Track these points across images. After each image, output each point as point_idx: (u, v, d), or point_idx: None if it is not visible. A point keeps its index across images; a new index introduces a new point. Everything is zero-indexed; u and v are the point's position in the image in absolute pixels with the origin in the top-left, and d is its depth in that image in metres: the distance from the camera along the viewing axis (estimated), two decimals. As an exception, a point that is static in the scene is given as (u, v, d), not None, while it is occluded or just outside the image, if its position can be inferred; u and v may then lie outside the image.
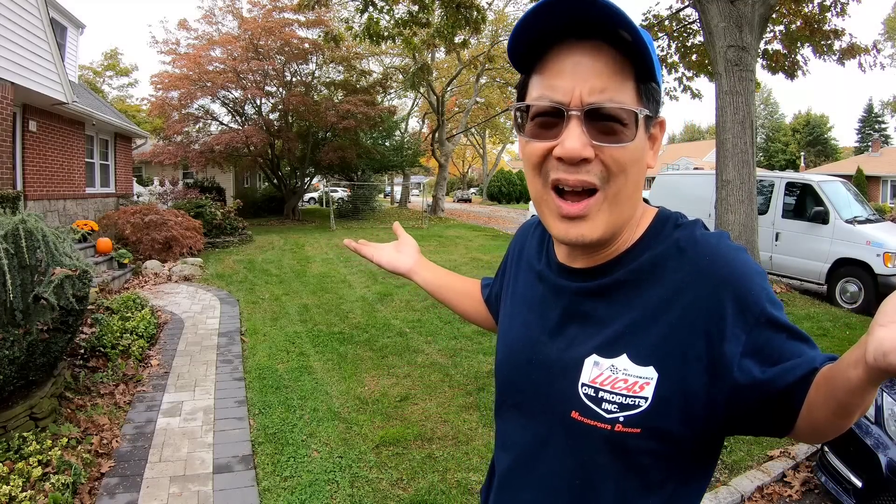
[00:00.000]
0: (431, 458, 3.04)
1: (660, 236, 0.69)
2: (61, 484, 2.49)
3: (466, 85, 26.62)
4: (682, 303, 0.63)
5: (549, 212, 0.66)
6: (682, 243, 0.67)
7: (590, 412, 0.66)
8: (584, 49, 0.61)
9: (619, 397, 0.64)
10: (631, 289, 0.67)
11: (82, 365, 3.96)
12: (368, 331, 5.45)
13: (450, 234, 15.37)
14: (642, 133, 0.63)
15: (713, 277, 0.63)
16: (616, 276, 0.68)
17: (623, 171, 0.62)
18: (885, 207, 20.14)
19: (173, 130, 15.68)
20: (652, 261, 0.67)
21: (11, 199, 5.53)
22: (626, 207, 0.66)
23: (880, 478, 2.26)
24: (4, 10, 6.26)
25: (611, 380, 0.65)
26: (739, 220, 6.73)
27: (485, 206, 32.81)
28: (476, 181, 49.53)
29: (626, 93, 0.61)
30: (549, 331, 0.73)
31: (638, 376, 0.63)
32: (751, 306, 0.61)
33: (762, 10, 6.74)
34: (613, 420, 0.64)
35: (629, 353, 0.64)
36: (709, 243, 0.66)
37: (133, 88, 37.51)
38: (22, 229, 2.94)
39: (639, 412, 0.63)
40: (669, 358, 0.63)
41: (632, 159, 0.63)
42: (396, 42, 9.65)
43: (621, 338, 0.66)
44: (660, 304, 0.64)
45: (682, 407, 0.62)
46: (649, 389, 0.63)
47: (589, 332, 0.69)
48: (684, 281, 0.64)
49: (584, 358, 0.68)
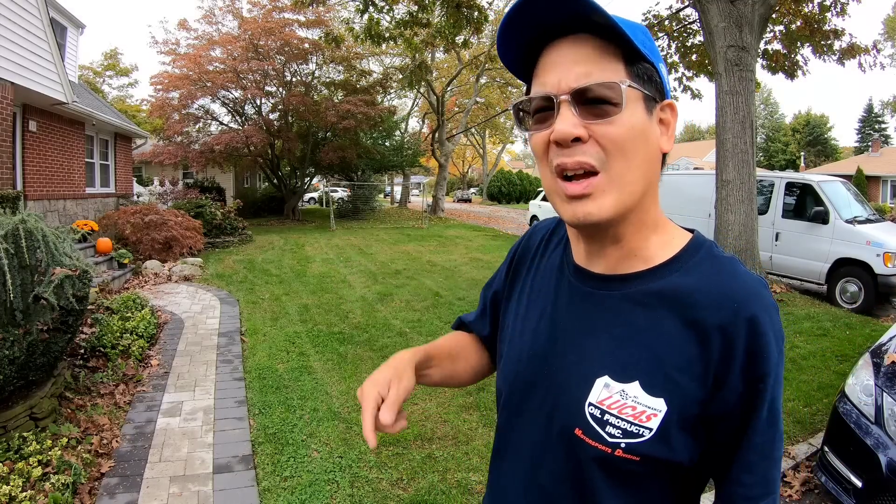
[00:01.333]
0: (431, 458, 3.04)
1: (690, 262, 0.67)
2: (61, 484, 2.49)
3: (466, 85, 26.63)
4: (702, 341, 0.62)
5: (558, 198, 0.66)
6: (715, 279, 0.65)
7: (593, 432, 0.66)
8: (567, 43, 0.63)
9: (625, 423, 0.64)
10: (652, 311, 0.65)
11: (82, 365, 3.96)
12: (368, 331, 5.45)
13: (450, 234, 15.37)
14: (637, 108, 0.62)
15: (737, 326, 0.62)
16: (637, 291, 0.67)
17: (620, 149, 0.61)
18: (885, 207, 20.14)
19: (173, 130, 15.69)
20: (679, 288, 0.65)
21: (11, 199, 5.53)
22: (635, 189, 0.64)
23: (880, 478, 2.26)
24: (4, 10, 6.26)
25: (619, 405, 0.64)
26: (739, 220, 6.74)
27: (485, 206, 32.82)
28: (476, 181, 49.55)
29: (612, 73, 0.62)
30: (562, 341, 0.72)
31: (647, 406, 0.63)
32: (758, 365, 0.62)
33: (762, 10, 6.74)
34: (615, 445, 0.64)
35: (642, 381, 0.64)
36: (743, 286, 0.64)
37: (133, 88, 37.62)
38: (22, 229, 2.94)
39: (641, 441, 0.63)
40: (679, 393, 0.62)
41: (627, 136, 0.61)
42: (397, 43, 9.65)
43: (637, 364, 0.64)
44: (680, 337, 0.63)
45: (683, 441, 0.63)
46: (655, 421, 0.62)
47: (603, 350, 0.67)
48: (709, 321, 0.62)
49: (595, 377, 0.67)
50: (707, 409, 0.62)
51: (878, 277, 6.64)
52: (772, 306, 0.63)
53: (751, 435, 0.63)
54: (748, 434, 0.63)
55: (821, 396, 3.84)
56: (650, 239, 0.68)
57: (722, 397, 0.62)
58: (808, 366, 4.43)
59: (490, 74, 24.42)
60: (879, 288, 6.63)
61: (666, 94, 0.67)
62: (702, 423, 0.63)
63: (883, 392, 2.47)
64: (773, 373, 0.62)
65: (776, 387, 0.63)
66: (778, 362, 0.62)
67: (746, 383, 0.61)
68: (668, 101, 0.67)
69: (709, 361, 0.62)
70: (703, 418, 0.63)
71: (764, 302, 0.63)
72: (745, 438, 0.63)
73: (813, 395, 3.86)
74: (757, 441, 0.63)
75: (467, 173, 49.10)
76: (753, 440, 0.63)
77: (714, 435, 0.64)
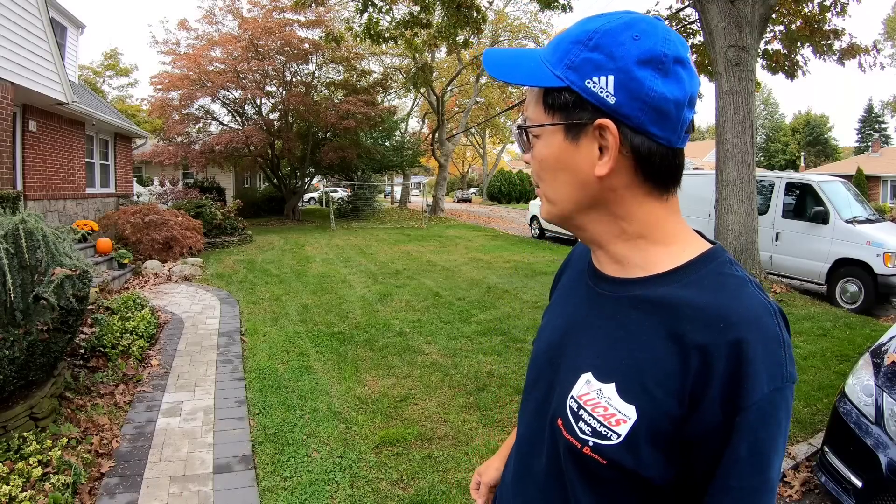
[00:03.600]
0: (431, 458, 3.04)
1: (693, 275, 0.64)
2: (61, 484, 2.49)
3: (466, 85, 26.64)
4: (682, 357, 0.60)
5: None
6: (712, 295, 0.62)
7: (568, 425, 0.67)
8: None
9: (595, 422, 0.64)
10: (644, 318, 0.65)
11: (82, 365, 3.96)
12: (368, 331, 5.45)
13: (450, 234, 15.37)
14: (551, 140, 0.67)
15: (719, 348, 0.57)
16: (635, 296, 0.67)
17: (537, 173, 0.71)
18: (885, 207, 20.13)
19: (173, 131, 15.69)
20: (672, 299, 0.63)
21: (11, 199, 5.53)
22: (565, 206, 0.70)
23: (880, 478, 2.26)
24: (4, 10, 6.27)
25: (594, 402, 0.65)
26: (739, 220, 6.74)
27: (485, 206, 32.81)
28: (476, 181, 49.53)
29: (533, 110, 0.69)
30: (568, 334, 0.75)
31: (618, 410, 0.62)
32: (739, 396, 0.56)
33: (762, 10, 6.74)
34: (584, 441, 0.65)
35: (618, 384, 0.63)
36: (741, 308, 0.59)
37: (133, 88, 37.56)
38: (22, 229, 2.95)
39: (607, 445, 0.62)
40: (652, 404, 0.60)
41: (540, 166, 0.70)
42: (398, 43, 9.66)
43: (618, 366, 0.64)
44: (663, 348, 0.61)
45: (654, 456, 0.60)
46: (624, 427, 0.61)
47: (595, 347, 0.69)
48: (691, 337, 0.60)
49: (581, 371, 0.68)
50: (683, 430, 0.59)
51: (878, 277, 6.64)
52: (772, 337, 0.58)
53: (725, 474, 0.57)
54: (721, 472, 0.57)
55: (821, 396, 3.84)
56: (648, 250, 0.68)
57: (698, 420, 0.58)
58: (808, 366, 4.43)
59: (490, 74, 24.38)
60: (879, 288, 6.63)
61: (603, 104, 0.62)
62: (679, 444, 0.59)
63: (883, 392, 2.47)
64: (756, 409, 0.55)
65: (762, 429, 0.56)
66: (771, 402, 0.56)
67: (723, 413, 0.56)
68: (599, 121, 0.62)
69: (686, 379, 0.58)
70: (680, 439, 0.59)
71: (761, 330, 0.58)
72: (718, 476, 0.57)
73: (813, 395, 3.86)
74: (733, 485, 0.57)
75: (467, 173, 49.09)
76: (729, 482, 0.57)
77: (690, 460, 0.59)
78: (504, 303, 6.70)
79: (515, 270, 9.12)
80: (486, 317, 6.00)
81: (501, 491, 0.84)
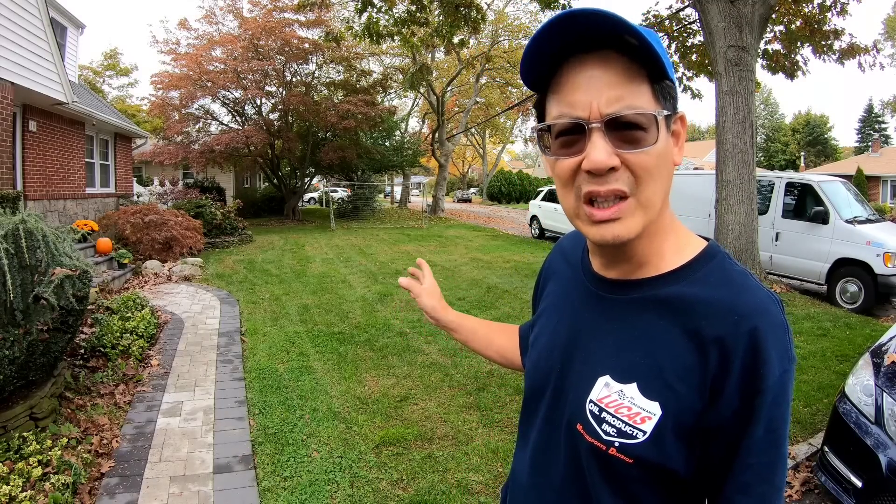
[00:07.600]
0: (431, 458, 3.04)
1: (699, 272, 0.67)
2: (61, 484, 2.49)
3: (466, 85, 26.63)
4: (701, 351, 0.62)
5: (582, 222, 0.66)
6: (720, 290, 0.64)
7: (591, 429, 0.68)
8: (595, 61, 0.61)
9: (620, 423, 0.65)
10: (657, 318, 0.66)
11: (82, 365, 3.96)
12: (368, 331, 5.45)
13: (450, 234, 15.37)
14: (664, 133, 0.63)
15: (737, 338, 0.61)
16: (644, 297, 0.68)
17: (650, 174, 0.62)
18: (885, 207, 20.13)
19: (173, 130, 15.69)
20: (684, 297, 0.65)
21: (11, 199, 5.52)
22: (658, 206, 0.66)
23: (880, 478, 2.26)
24: (4, 10, 6.26)
25: (616, 404, 0.66)
26: (739, 220, 6.74)
27: (485, 206, 32.80)
28: (476, 181, 49.54)
29: (642, 97, 0.61)
30: (574, 339, 0.75)
31: (642, 408, 0.64)
32: (756, 381, 0.60)
33: (762, 10, 6.74)
34: (609, 443, 0.66)
35: (640, 384, 0.65)
36: (750, 300, 0.63)
37: (133, 88, 37.57)
38: (22, 229, 2.94)
39: (634, 444, 0.64)
40: (676, 399, 0.63)
41: (658, 162, 0.62)
42: (395, 41, 9.66)
43: (637, 366, 0.66)
44: (681, 345, 0.64)
45: (678, 448, 0.63)
46: (649, 424, 0.63)
47: (608, 350, 0.69)
48: (708, 332, 0.62)
49: (597, 375, 0.69)
50: (703, 420, 0.62)
51: (878, 277, 6.63)
52: (779, 324, 0.62)
53: (745, 454, 0.61)
54: (742, 452, 0.61)
55: (821, 396, 3.85)
56: (663, 245, 0.69)
57: (717, 409, 0.61)
58: (808, 366, 4.43)
59: (490, 74, 24.43)
60: (879, 288, 6.63)
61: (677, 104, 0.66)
62: (698, 434, 0.63)
63: (883, 392, 2.47)
64: (771, 391, 0.60)
65: (776, 408, 0.60)
66: (781, 383, 0.60)
67: (741, 398, 0.60)
68: (680, 113, 0.66)
69: (706, 372, 0.62)
70: (700, 429, 0.62)
71: (770, 318, 0.61)
72: (738, 456, 0.61)
73: (813, 395, 3.86)
74: (752, 462, 0.61)
75: (467, 173, 49.09)
76: (748, 460, 0.61)
77: (709, 448, 0.63)
78: (504, 303, 6.70)
79: (515, 270, 9.12)
80: (486, 317, 6.00)
81: (515, 495, 0.84)
